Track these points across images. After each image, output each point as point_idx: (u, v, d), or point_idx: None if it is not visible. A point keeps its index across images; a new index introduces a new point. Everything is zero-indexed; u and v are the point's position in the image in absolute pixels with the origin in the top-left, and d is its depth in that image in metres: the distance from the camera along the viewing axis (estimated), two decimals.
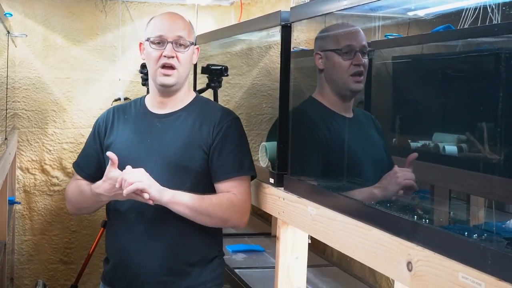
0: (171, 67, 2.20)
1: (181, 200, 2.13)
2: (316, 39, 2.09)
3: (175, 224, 2.19)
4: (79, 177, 2.36)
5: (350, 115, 2.01)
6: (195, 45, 2.30)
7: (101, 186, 2.15)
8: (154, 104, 2.31)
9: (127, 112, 2.34)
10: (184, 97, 2.30)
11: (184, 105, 2.30)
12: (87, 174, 2.34)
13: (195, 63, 2.37)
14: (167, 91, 2.26)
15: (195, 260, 2.24)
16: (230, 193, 2.20)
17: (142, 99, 2.37)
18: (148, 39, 2.23)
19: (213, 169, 2.22)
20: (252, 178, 2.29)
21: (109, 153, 2.13)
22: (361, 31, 1.90)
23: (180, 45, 2.21)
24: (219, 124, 2.24)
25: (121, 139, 2.28)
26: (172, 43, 2.19)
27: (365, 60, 1.88)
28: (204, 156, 2.22)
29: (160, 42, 2.21)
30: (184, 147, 2.22)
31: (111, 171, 2.11)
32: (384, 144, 1.90)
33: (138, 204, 2.18)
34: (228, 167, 2.22)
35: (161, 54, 2.19)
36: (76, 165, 2.39)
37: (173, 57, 2.19)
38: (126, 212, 2.24)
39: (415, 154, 1.64)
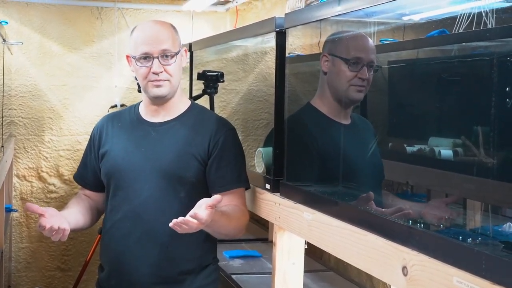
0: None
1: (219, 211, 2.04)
2: (327, 41, 2.06)
3: (169, 233, 2.16)
4: (79, 187, 2.41)
5: (347, 121, 2.00)
6: (182, 47, 2.26)
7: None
8: (148, 113, 2.29)
9: (122, 120, 2.34)
10: (178, 104, 2.29)
11: (179, 114, 2.28)
12: (85, 183, 2.39)
13: (185, 65, 2.33)
14: (160, 100, 2.24)
15: (189, 268, 2.24)
16: (231, 204, 2.19)
17: (136, 106, 2.36)
18: (134, 57, 2.20)
19: (211, 180, 2.22)
20: (246, 189, 2.30)
21: (28, 205, 2.00)
22: (373, 45, 1.88)
23: (167, 56, 2.17)
24: (215, 135, 2.23)
25: (116, 147, 2.28)
26: (158, 58, 2.15)
27: (370, 74, 1.87)
28: (199, 166, 2.21)
29: (146, 58, 2.17)
30: (179, 156, 2.21)
31: (41, 223, 1.99)
32: (380, 149, 1.90)
33: (133, 212, 2.20)
34: (227, 179, 2.22)
35: (149, 70, 2.16)
36: (75, 175, 2.43)
37: (161, 72, 2.16)
38: (121, 220, 2.24)
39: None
